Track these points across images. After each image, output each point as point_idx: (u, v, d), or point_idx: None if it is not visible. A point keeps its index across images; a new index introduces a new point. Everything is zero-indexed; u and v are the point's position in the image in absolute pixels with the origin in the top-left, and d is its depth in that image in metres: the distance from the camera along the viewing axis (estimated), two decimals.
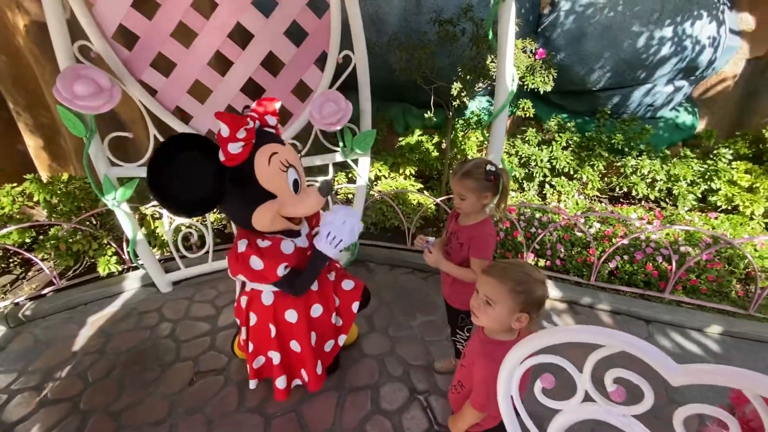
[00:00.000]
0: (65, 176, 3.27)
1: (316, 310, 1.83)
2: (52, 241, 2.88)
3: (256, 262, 1.53)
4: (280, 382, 1.83)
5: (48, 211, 3.11)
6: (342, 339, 1.97)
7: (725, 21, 3.51)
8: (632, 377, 0.74)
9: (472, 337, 1.36)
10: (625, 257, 2.94)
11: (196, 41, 2.45)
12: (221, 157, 1.42)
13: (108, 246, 3.07)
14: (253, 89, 2.69)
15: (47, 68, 3.23)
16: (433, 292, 2.89)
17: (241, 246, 1.56)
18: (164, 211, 2.83)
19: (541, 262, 3.08)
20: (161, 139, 2.58)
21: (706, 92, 4.10)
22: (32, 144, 3.59)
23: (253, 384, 1.92)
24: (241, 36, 2.56)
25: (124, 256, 3.08)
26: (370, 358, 2.28)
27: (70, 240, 2.95)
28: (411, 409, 1.96)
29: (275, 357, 1.80)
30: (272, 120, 1.62)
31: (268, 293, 1.76)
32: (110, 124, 3.51)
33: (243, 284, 1.89)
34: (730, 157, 3.66)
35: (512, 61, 2.23)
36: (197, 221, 3.19)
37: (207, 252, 3.04)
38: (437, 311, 2.67)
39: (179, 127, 2.60)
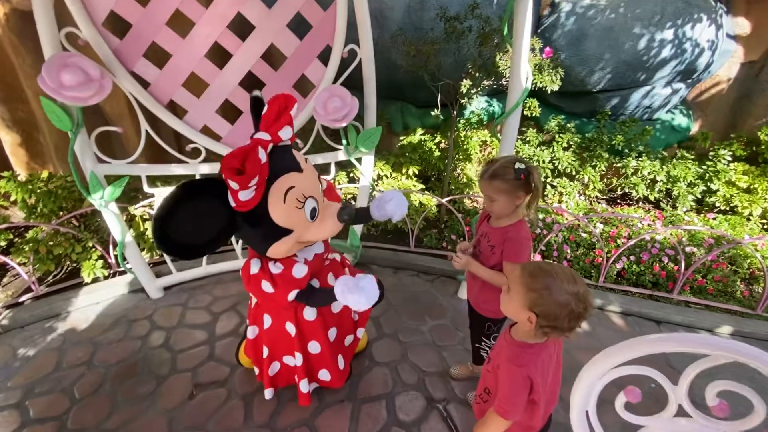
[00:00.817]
0: (45, 174, 3.04)
1: (337, 305, 1.74)
2: (31, 244, 2.66)
3: (267, 287, 1.45)
4: (304, 386, 1.73)
5: (26, 212, 2.88)
6: (360, 332, 1.91)
7: (723, 25, 3.57)
8: (742, 390, 0.66)
9: (499, 338, 1.29)
10: (632, 258, 2.92)
11: (193, 31, 2.30)
12: (232, 203, 1.28)
13: (93, 249, 2.86)
14: (252, 83, 2.55)
15: (27, 59, 3.01)
16: (440, 294, 2.80)
17: (254, 267, 1.47)
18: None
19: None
20: (153, 135, 2.42)
21: (701, 95, 4.17)
22: (8, 140, 3.34)
23: (269, 394, 1.80)
24: (241, 27, 2.43)
25: (110, 260, 2.88)
26: (382, 365, 2.17)
27: (51, 243, 2.73)
28: (430, 419, 1.86)
29: (298, 359, 1.68)
30: (287, 133, 1.37)
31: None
32: (93, 120, 3.31)
33: None
34: (730, 158, 3.72)
35: (527, 58, 2.17)
36: None
37: None
38: (447, 315, 2.58)
39: (172, 121, 2.44)
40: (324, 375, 1.78)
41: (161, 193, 2.63)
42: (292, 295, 1.47)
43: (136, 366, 2.18)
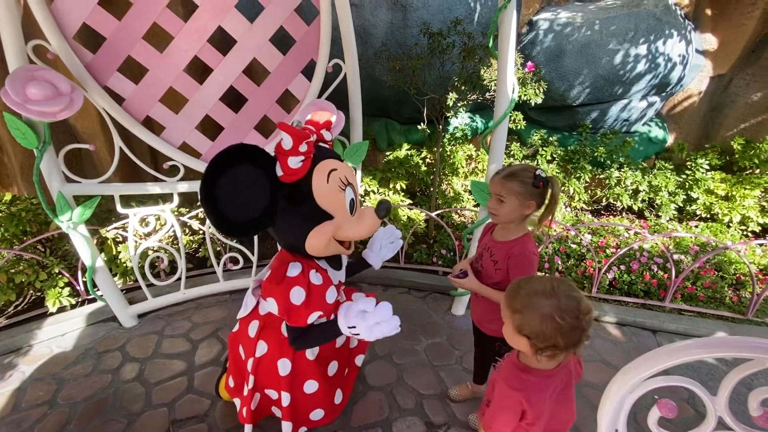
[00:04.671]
0: (8, 196, 2.84)
1: (340, 339, 1.65)
2: None
3: (298, 296, 1.33)
4: (287, 428, 1.58)
5: None
6: (360, 359, 1.81)
7: (692, 41, 3.75)
8: None
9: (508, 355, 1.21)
10: (622, 267, 2.91)
11: (171, 45, 2.23)
12: (279, 171, 1.27)
13: (59, 276, 2.65)
14: (233, 98, 2.48)
15: None
16: (433, 311, 2.70)
17: (294, 270, 1.36)
18: (129, 233, 2.48)
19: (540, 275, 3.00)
20: (127, 152, 2.29)
21: (674, 108, 4.33)
22: None
23: (248, 430, 1.63)
24: (222, 41, 2.37)
25: (78, 288, 2.68)
26: (376, 390, 2.04)
27: (12, 270, 2.52)
28: None
29: (285, 398, 1.54)
30: (327, 135, 1.46)
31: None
32: (64, 139, 3.15)
33: (256, 306, 1.62)
34: (707, 167, 3.84)
35: (513, 69, 2.17)
36: (168, 244, 2.85)
37: (179, 279, 2.70)
38: (442, 333, 2.48)
39: (149, 138, 2.33)
40: (316, 415, 1.64)
41: (136, 214, 2.48)
42: (312, 318, 1.36)
43: (106, 402, 1.98)
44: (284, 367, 1.51)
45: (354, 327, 1.34)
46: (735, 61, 3.97)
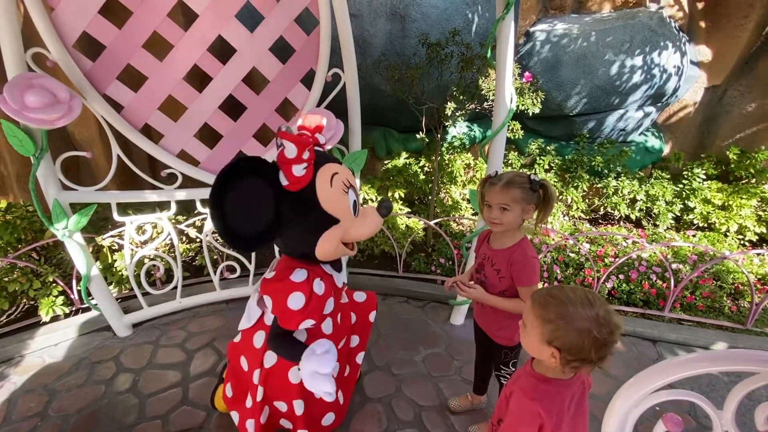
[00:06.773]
0: (3, 204, 2.81)
1: (328, 325, 1.62)
2: None
3: (297, 301, 1.30)
4: None
5: None
6: (360, 357, 1.82)
7: (687, 52, 3.81)
8: None
9: (520, 367, 1.18)
10: (621, 277, 2.91)
11: (171, 54, 2.23)
12: (283, 181, 1.28)
13: (53, 285, 2.61)
14: (232, 106, 2.48)
15: None
16: (432, 321, 2.68)
17: (298, 275, 1.34)
18: (125, 241, 2.46)
19: (539, 285, 2.99)
20: (125, 159, 2.28)
21: (670, 118, 4.37)
22: None
23: None
24: (222, 50, 2.38)
25: (72, 296, 2.64)
26: (374, 402, 2.01)
27: (6, 278, 2.49)
28: None
29: (298, 407, 1.51)
30: (321, 138, 1.48)
31: (300, 331, 1.49)
32: (61, 146, 3.13)
33: (261, 316, 1.59)
34: (704, 177, 3.87)
35: (511, 79, 2.19)
36: (164, 252, 2.83)
37: (175, 288, 2.67)
38: (441, 343, 2.46)
39: (147, 146, 2.32)
40: (328, 419, 1.64)
41: (133, 222, 2.46)
42: (304, 325, 1.35)
43: (99, 414, 1.94)
44: (295, 375, 1.49)
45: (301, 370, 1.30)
46: (729, 72, 4.02)
